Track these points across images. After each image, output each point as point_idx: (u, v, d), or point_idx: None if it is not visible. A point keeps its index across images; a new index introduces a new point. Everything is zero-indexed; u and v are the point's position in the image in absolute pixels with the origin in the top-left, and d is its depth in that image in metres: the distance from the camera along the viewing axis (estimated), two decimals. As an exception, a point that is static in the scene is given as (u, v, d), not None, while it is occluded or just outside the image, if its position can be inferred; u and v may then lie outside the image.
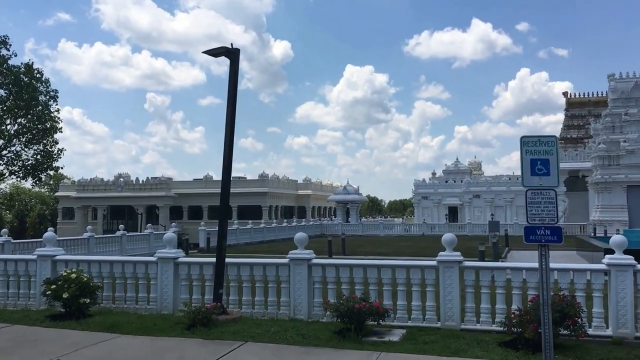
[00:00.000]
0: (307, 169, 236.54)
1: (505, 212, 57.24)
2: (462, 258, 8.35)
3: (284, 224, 45.60)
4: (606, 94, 72.83)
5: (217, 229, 32.58)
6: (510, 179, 60.76)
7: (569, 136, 71.97)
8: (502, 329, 7.88)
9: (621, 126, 43.66)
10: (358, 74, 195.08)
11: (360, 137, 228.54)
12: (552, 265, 8.14)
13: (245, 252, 27.65)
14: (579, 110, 73.58)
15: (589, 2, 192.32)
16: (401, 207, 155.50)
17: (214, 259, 9.52)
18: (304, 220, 55.45)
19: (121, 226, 29.36)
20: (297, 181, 76.29)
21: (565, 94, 75.95)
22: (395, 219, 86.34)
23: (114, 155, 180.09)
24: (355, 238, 41.34)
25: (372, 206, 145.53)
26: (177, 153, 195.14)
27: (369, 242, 37.94)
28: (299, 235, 9.19)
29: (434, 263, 8.48)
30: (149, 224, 35.82)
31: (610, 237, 27.05)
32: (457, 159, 70.07)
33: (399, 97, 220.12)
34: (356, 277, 8.82)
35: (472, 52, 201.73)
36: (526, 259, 26.26)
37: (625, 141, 42.64)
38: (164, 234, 32.04)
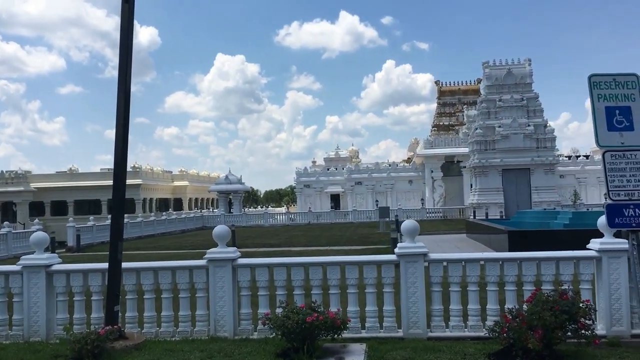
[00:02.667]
0: (179, 160, 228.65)
1: (387, 198, 57.78)
2: (427, 250, 6.79)
3: (163, 218, 42.34)
4: (473, 83, 76.55)
5: (89, 225, 28.90)
6: (390, 165, 61.55)
7: (441, 123, 74.50)
8: (480, 334, 6.45)
9: (496, 112, 45.12)
10: (229, 63, 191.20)
11: (233, 127, 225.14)
12: (534, 254, 6.84)
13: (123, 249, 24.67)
14: (450, 98, 76.34)
15: (447, 1, 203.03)
16: (277, 197, 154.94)
17: (102, 265, 7.22)
18: (183, 212, 52.26)
19: (-29, 226, 25.09)
20: (172, 172, 72.64)
21: (437, 82, 78.42)
22: (277, 209, 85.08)
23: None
24: (241, 229, 39.14)
25: (249, 196, 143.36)
26: (34, 145, 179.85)
27: (257, 233, 36.03)
28: (220, 229, 7.13)
29: (393, 258, 6.83)
30: (5, 222, 31.26)
31: (507, 219, 27.10)
32: (337, 146, 70.34)
33: (271, 87, 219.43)
34: (295, 280, 6.96)
35: (340, 43, 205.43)
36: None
37: (500, 126, 44.16)
38: (26, 232, 27.99)
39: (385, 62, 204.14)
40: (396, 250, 6.84)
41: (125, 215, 40.61)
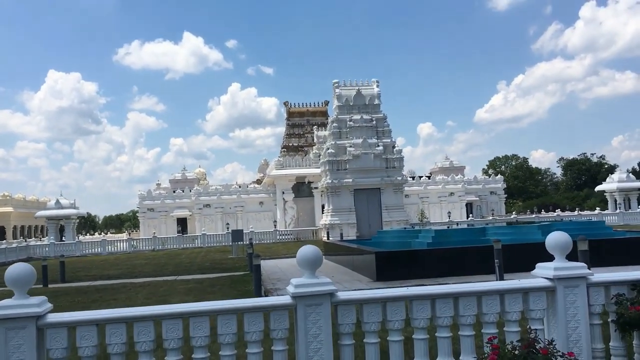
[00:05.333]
0: (4, 184, 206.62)
1: (237, 221, 55.45)
2: (334, 287, 4.79)
3: (-23, 249, 36.27)
4: (321, 105, 77.22)
5: None
6: (240, 187, 59.34)
7: (291, 144, 74.00)
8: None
9: (347, 132, 45.06)
10: (63, 81, 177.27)
11: (68, 149, 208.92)
12: (473, 287, 5.13)
13: None
14: (299, 119, 76.23)
15: (291, 27, 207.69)
16: (118, 223, 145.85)
17: None
18: (4, 242, 45.66)
19: None
20: (-8, 197, 64.32)
21: (285, 103, 78.03)
22: (117, 235, 78.81)
23: None
24: (74, 260, 34.61)
25: (85, 223, 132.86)
26: None
27: (93, 264, 31.81)
28: (16, 269, 4.51)
29: (288, 301, 4.74)
30: None
31: (367, 239, 25.92)
32: (184, 167, 66.62)
33: (111, 107, 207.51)
34: (140, 341, 4.58)
35: (185, 65, 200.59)
36: (277, 268, 23.65)
37: (351, 146, 44.07)
38: None
39: (231, 85, 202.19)
40: (290, 288, 4.76)
41: None
